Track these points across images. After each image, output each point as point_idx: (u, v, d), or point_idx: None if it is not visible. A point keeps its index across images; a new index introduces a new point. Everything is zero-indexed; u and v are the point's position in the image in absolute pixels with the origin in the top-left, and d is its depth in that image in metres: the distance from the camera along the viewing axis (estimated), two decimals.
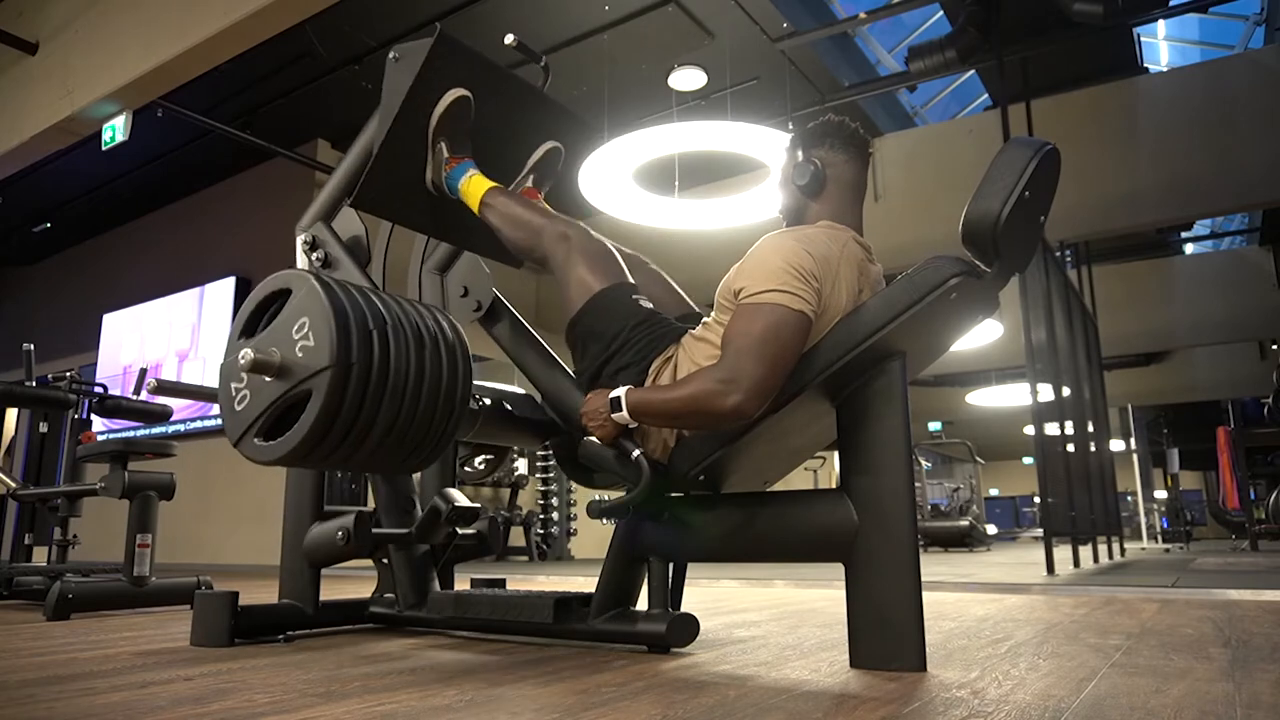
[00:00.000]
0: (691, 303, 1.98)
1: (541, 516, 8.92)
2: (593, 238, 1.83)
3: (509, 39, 2.17)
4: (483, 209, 1.90)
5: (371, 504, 2.09)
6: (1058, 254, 6.42)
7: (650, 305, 1.77)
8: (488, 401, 1.96)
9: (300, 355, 1.50)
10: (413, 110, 1.89)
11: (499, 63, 1.99)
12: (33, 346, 3.47)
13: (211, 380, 1.75)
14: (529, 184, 2.08)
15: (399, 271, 2.24)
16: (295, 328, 1.51)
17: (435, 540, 1.97)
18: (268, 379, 1.53)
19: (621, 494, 1.67)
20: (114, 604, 2.65)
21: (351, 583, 3.97)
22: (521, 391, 2.10)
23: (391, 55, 1.93)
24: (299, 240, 2.07)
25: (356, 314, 1.52)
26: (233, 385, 1.56)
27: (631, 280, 1.81)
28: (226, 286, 7.76)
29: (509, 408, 2.01)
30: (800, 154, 1.70)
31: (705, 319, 1.71)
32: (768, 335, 1.45)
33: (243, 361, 1.49)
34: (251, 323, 1.62)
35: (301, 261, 2.07)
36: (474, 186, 1.91)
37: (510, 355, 2.10)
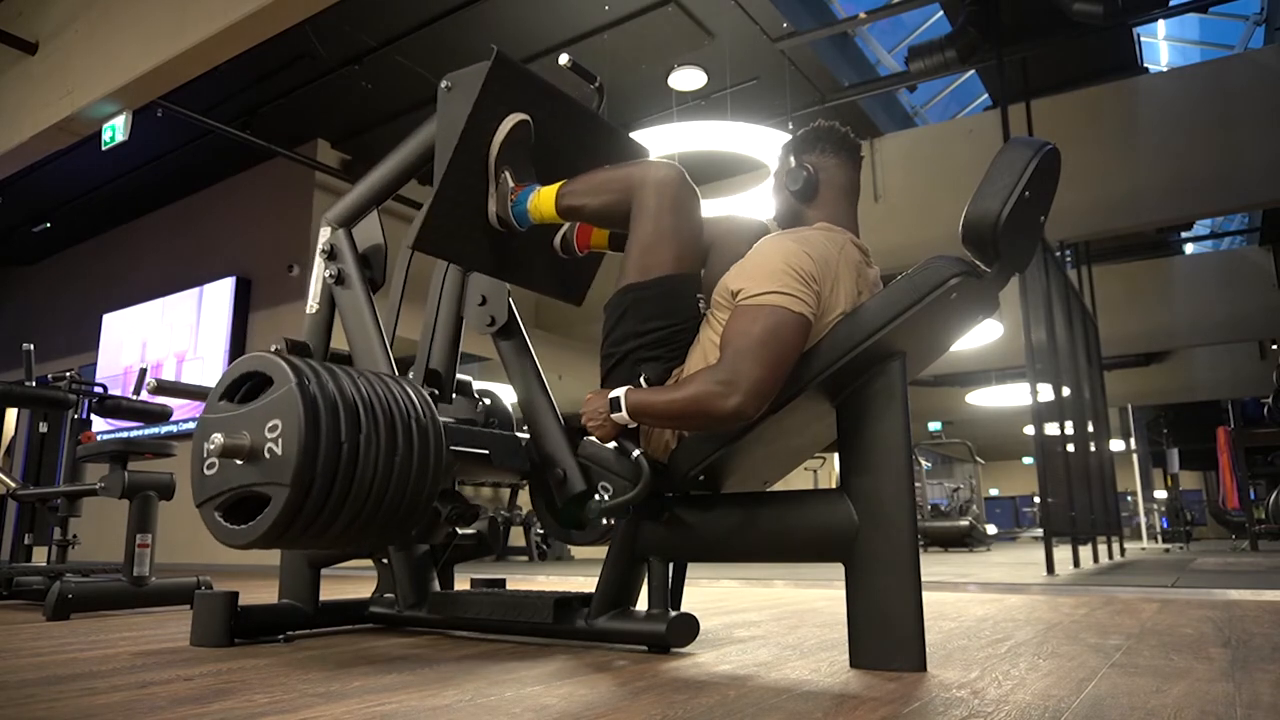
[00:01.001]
0: None
1: None
2: (694, 202, 1.73)
3: (563, 59, 2.08)
4: (561, 201, 1.79)
5: None
6: (1058, 254, 6.42)
7: (704, 309, 1.73)
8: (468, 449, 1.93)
9: (267, 455, 1.49)
10: (472, 140, 1.79)
11: (554, 83, 1.91)
12: (33, 346, 3.47)
13: (211, 380, 1.75)
14: None
15: (422, 275, 2.22)
16: (268, 425, 1.50)
17: (435, 540, 1.97)
18: (237, 461, 1.52)
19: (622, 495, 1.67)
20: (114, 604, 2.65)
21: (351, 583, 3.97)
22: (504, 435, 2.07)
23: (444, 85, 1.84)
24: (321, 237, 2.06)
25: (330, 425, 1.49)
26: (206, 447, 1.54)
27: (701, 271, 1.76)
28: (226, 286, 7.76)
29: (485, 452, 1.97)
30: (793, 160, 1.70)
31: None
32: (767, 337, 1.45)
33: (212, 446, 1.49)
34: (233, 389, 1.61)
35: (318, 268, 2.06)
36: (544, 196, 1.81)
37: (510, 377, 2.10)
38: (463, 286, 2.18)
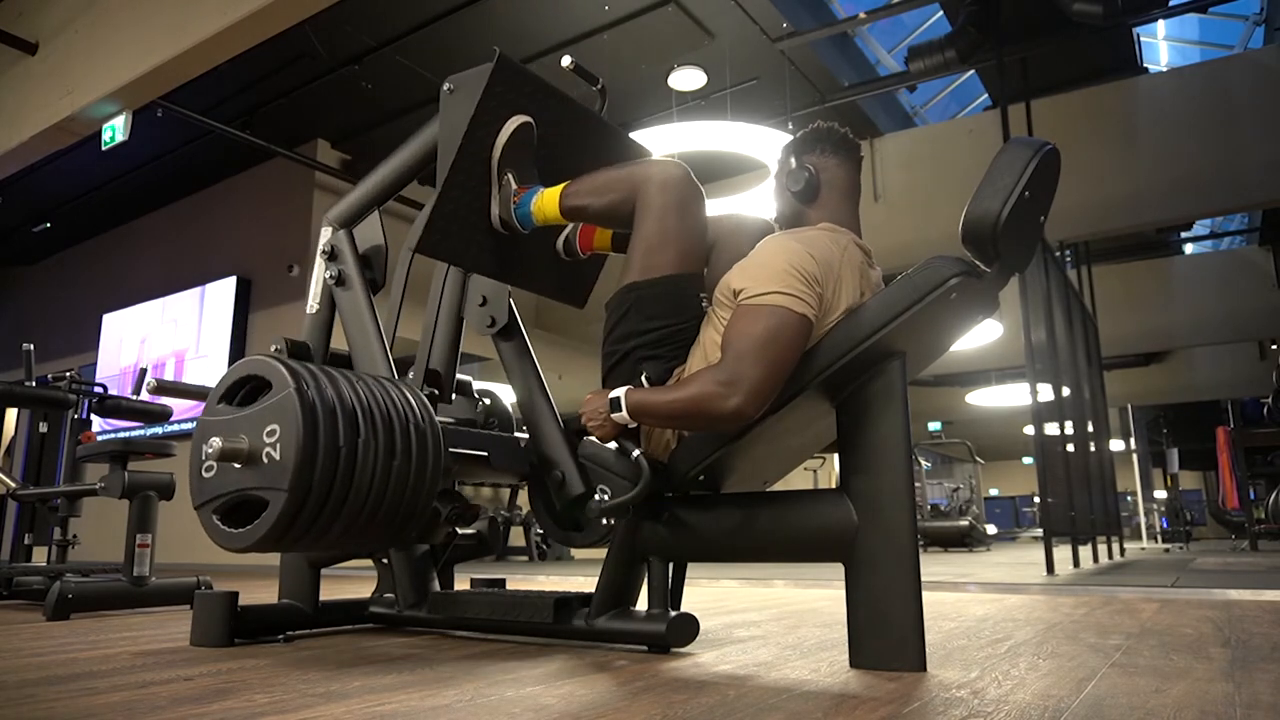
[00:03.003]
0: None
1: None
2: (698, 201, 1.73)
3: (565, 61, 2.08)
4: (565, 202, 1.79)
5: None
6: (1058, 254, 6.42)
7: (707, 309, 1.73)
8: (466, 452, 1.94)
9: (265, 460, 1.49)
10: (474, 143, 1.78)
11: (556, 84, 1.91)
12: (33, 346, 3.47)
13: (211, 380, 1.75)
14: None
15: (423, 275, 2.22)
16: (266, 429, 1.50)
17: (435, 540, 1.97)
18: (235, 464, 1.53)
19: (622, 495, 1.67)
20: (114, 604, 2.65)
21: (351, 583, 3.97)
22: (503, 436, 2.08)
23: (446, 87, 1.84)
24: (322, 238, 2.06)
25: (328, 430, 1.49)
26: (204, 449, 1.55)
27: (704, 270, 1.76)
28: (227, 286, 7.76)
29: (486, 454, 1.97)
30: (793, 161, 1.71)
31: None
32: (769, 337, 1.45)
33: (210, 450, 1.49)
34: (232, 392, 1.61)
35: (318, 268, 2.06)
36: (548, 197, 1.81)
37: (509, 378, 2.10)
38: (463, 287, 2.18)
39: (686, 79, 6.58)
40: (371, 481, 1.55)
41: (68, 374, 3.29)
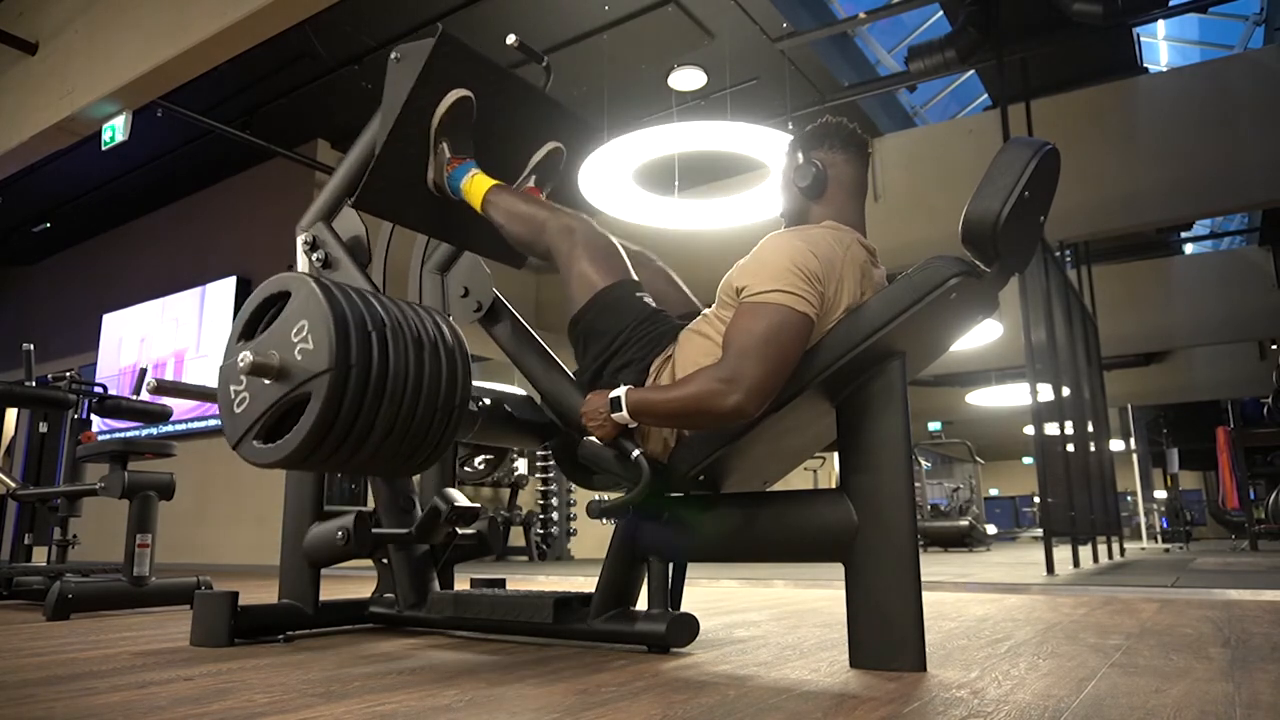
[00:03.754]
0: (696, 300, 1.98)
1: (541, 516, 8.92)
2: (597, 232, 1.82)
3: (510, 39, 2.16)
4: (485, 206, 1.90)
5: (371, 504, 2.09)
6: (1058, 254, 6.42)
7: (653, 303, 1.77)
8: (487, 402, 1.96)
9: (299, 358, 1.50)
10: (415, 110, 1.88)
11: (500, 63, 1.98)
12: (33, 346, 3.47)
13: (212, 380, 1.75)
14: (531, 184, 2.08)
15: (399, 272, 2.24)
16: (294, 330, 1.51)
17: (435, 540, 1.97)
18: (267, 381, 1.53)
19: (621, 494, 1.67)
20: (114, 604, 2.65)
21: (351, 583, 3.97)
22: (521, 393, 2.10)
23: (393, 55, 1.92)
24: (299, 240, 2.06)
25: (355, 317, 1.52)
26: (232, 388, 1.56)
27: (635, 277, 1.80)
28: (227, 286, 7.76)
29: (509, 409, 2.01)
30: (800, 156, 1.71)
31: (705, 311, 1.71)
32: (770, 336, 1.45)
33: (242, 364, 1.49)
34: (250, 325, 1.62)
35: (302, 262, 2.06)
36: (476, 185, 1.91)
37: (510, 356, 2.10)
38: (443, 288, 2.20)
39: (686, 79, 6.58)
40: (407, 372, 1.56)
41: (68, 374, 3.29)
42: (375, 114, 2.00)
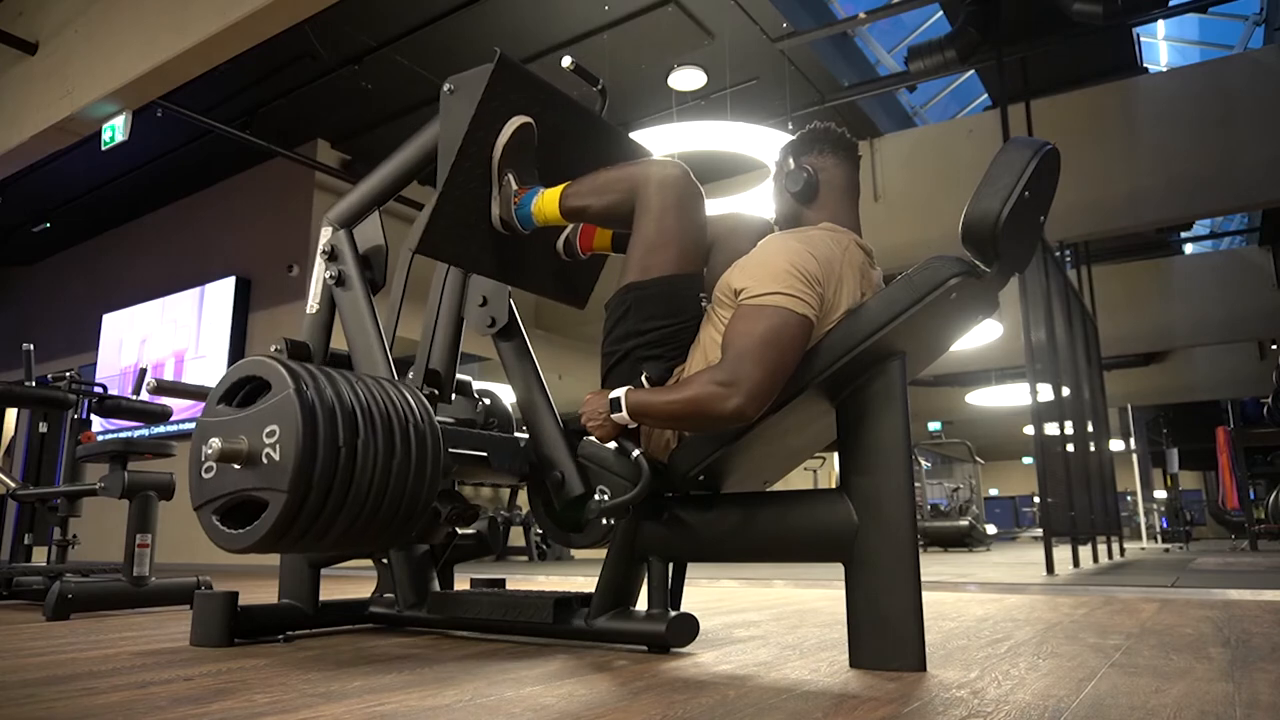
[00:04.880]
0: None
1: None
2: (698, 201, 1.73)
3: (566, 61, 2.08)
4: (566, 202, 1.79)
5: None
6: (1058, 254, 6.42)
7: (707, 308, 1.73)
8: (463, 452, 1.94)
9: (265, 460, 1.49)
10: (474, 143, 1.78)
11: (557, 85, 1.91)
12: (33, 346, 3.47)
13: (211, 380, 1.75)
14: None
15: (423, 275, 2.22)
16: (266, 430, 1.50)
17: (435, 540, 1.97)
18: (234, 465, 1.52)
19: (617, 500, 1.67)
20: (114, 604, 2.65)
21: (351, 583, 3.97)
22: (503, 437, 2.08)
23: (446, 87, 1.83)
24: (323, 238, 2.05)
25: (327, 430, 1.49)
26: (204, 451, 1.54)
27: (703, 270, 1.77)
28: (226, 286, 7.76)
29: (486, 455, 1.97)
30: (791, 162, 1.71)
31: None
32: (770, 338, 1.45)
33: (209, 450, 1.49)
34: (231, 393, 1.61)
35: (318, 268, 2.06)
36: (548, 197, 1.81)
37: (509, 378, 2.11)
38: (464, 288, 2.18)
39: (686, 79, 6.58)
40: (371, 481, 1.55)
41: (68, 374, 3.29)
42: (425, 128, 1.92)
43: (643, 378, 1.63)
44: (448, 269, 2.19)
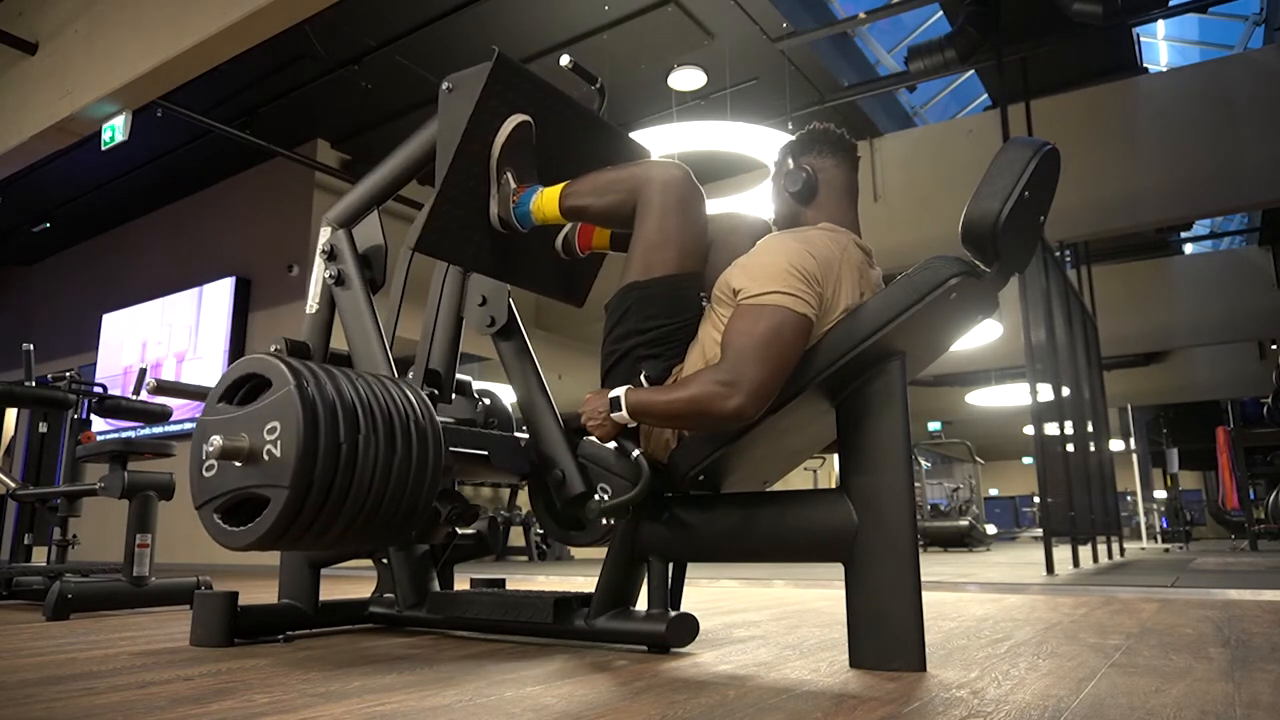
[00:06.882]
0: None
1: None
2: (698, 201, 1.73)
3: (564, 60, 2.08)
4: (566, 202, 1.79)
5: None
6: (1058, 254, 6.42)
7: (707, 307, 1.73)
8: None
9: (266, 457, 1.49)
10: (473, 141, 1.78)
11: (555, 84, 1.91)
12: (33, 346, 3.47)
13: (211, 380, 1.75)
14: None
15: (422, 274, 2.22)
16: (267, 427, 1.50)
17: (435, 540, 1.97)
18: (236, 463, 1.52)
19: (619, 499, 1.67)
20: (114, 604, 2.65)
21: (351, 583, 3.97)
22: (503, 435, 2.08)
23: (445, 86, 1.83)
24: (321, 238, 2.06)
25: (328, 427, 1.49)
26: (205, 449, 1.54)
27: (704, 270, 1.77)
28: (226, 286, 7.76)
29: (486, 453, 1.97)
30: (790, 163, 1.72)
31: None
32: (769, 337, 1.45)
33: (211, 448, 1.48)
34: (232, 391, 1.61)
35: (318, 268, 2.06)
36: (548, 196, 1.81)
37: (509, 377, 2.11)
38: (463, 287, 2.18)
39: (686, 79, 6.58)
40: (372, 478, 1.55)
41: (68, 374, 3.29)
42: (422, 128, 1.92)
43: (641, 377, 1.63)
44: (447, 268, 2.19)
